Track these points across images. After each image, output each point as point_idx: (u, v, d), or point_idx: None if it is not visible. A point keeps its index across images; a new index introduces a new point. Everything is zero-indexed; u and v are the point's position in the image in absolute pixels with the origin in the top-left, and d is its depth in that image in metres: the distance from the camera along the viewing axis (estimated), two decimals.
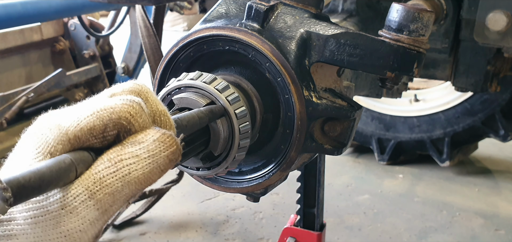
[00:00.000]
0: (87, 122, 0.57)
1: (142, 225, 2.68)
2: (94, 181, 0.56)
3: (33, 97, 3.37)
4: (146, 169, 0.58)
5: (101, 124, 0.58)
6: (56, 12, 3.48)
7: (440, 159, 3.14)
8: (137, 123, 0.60)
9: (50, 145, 0.56)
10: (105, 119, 0.58)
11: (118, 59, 4.23)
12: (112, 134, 0.59)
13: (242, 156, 0.85)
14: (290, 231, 1.79)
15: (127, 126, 0.59)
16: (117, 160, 0.57)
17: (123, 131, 0.59)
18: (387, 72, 0.88)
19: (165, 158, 0.59)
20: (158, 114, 0.64)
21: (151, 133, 0.60)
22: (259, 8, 0.88)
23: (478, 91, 2.17)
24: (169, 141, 0.60)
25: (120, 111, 0.59)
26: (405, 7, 0.89)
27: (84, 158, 0.57)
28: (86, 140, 0.58)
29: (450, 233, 2.61)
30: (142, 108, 0.61)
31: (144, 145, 0.59)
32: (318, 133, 0.91)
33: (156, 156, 0.59)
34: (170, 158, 0.60)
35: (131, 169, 0.57)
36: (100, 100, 0.60)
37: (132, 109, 0.59)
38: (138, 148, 0.58)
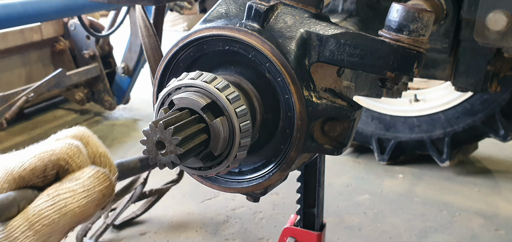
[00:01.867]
0: (30, 163, 0.65)
1: (142, 225, 2.68)
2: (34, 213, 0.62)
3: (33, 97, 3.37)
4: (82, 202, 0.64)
5: (42, 164, 0.65)
6: (56, 12, 3.48)
7: (440, 159, 3.14)
8: (74, 163, 0.67)
9: None
10: (45, 160, 0.65)
11: (118, 59, 4.23)
12: (52, 173, 0.66)
13: (243, 154, 0.85)
14: (290, 231, 1.79)
15: (65, 166, 0.66)
16: (55, 194, 0.64)
17: (61, 170, 0.66)
18: (387, 72, 0.88)
19: (99, 192, 0.66)
20: (98, 156, 0.72)
21: (87, 171, 0.67)
22: (259, 8, 0.88)
23: (478, 91, 2.17)
24: (103, 177, 0.67)
25: (59, 153, 0.66)
26: (405, 7, 0.89)
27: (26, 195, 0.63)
28: (29, 179, 0.65)
29: (450, 233, 2.61)
30: (79, 150, 0.68)
31: (80, 181, 0.65)
32: (318, 133, 0.91)
33: (90, 190, 0.65)
34: (104, 192, 0.66)
35: (67, 202, 0.64)
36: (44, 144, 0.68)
37: (70, 150, 0.67)
38: (74, 183, 0.65)
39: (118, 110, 4.48)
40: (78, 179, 0.65)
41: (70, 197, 0.64)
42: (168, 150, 0.74)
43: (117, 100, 4.24)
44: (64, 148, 0.66)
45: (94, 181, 0.65)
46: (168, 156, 0.75)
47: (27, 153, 0.66)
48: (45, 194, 0.64)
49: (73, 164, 0.66)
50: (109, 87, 4.16)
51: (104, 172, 0.67)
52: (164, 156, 0.75)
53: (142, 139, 0.76)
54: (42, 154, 0.65)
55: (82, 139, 0.71)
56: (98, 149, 0.72)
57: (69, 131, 0.72)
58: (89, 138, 0.72)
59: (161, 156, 0.75)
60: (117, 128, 4.13)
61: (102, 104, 4.21)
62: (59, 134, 0.72)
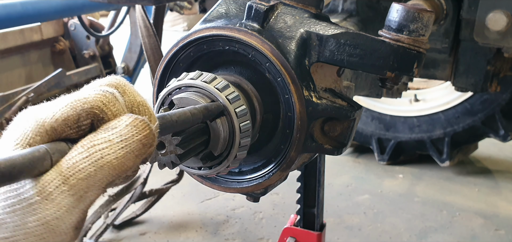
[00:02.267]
0: (62, 113, 0.59)
1: (142, 225, 2.68)
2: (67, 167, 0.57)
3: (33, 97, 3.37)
4: (119, 153, 0.59)
5: (75, 113, 0.59)
6: (56, 12, 3.48)
7: (440, 159, 3.14)
8: (110, 111, 0.61)
9: (29, 137, 0.58)
10: (78, 109, 0.59)
11: (118, 59, 4.23)
12: (86, 123, 0.60)
13: (243, 154, 0.85)
14: (290, 231, 1.79)
15: (100, 114, 0.61)
16: (89, 145, 0.58)
17: (96, 119, 0.61)
18: (387, 72, 0.88)
19: (138, 142, 0.60)
20: (136, 105, 0.65)
21: (124, 119, 0.61)
22: (259, 8, 0.88)
23: (478, 91, 2.17)
24: (142, 125, 0.60)
25: (93, 101, 0.60)
26: (405, 7, 0.89)
27: (60, 148, 0.58)
28: (62, 131, 0.60)
29: (450, 233, 2.61)
30: (115, 97, 0.62)
31: (116, 130, 0.60)
32: (318, 132, 0.91)
33: (129, 140, 0.59)
34: (143, 142, 0.60)
35: (104, 153, 0.58)
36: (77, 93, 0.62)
37: (105, 98, 0.61)
38: (110, 133, 0.59)
39: None
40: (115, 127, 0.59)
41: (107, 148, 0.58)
42: (168, 150, 0.74)
43: None
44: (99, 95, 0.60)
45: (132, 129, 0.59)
46: (168, 156, 0.75)
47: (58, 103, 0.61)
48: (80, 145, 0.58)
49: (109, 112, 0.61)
50: None
51: (143, 120, 0.61)
52: (164, 156, 0.75)
53: None
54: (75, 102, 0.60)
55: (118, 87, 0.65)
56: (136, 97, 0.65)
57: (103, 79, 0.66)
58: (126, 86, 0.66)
59: (161, 156, 0.75)
60: None
61: None
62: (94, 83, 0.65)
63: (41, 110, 0.61)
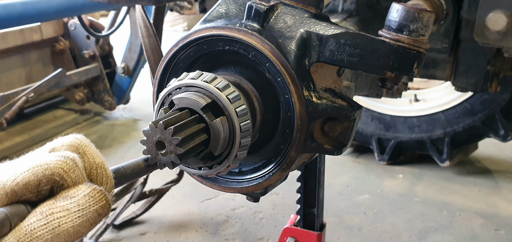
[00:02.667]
0: (23, 177, 0.61)
1: (142, 225, 2.68)
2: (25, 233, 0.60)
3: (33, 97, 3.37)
4: (76, 222, 0.62)
5: (36, 179, 0.62)
6: (56, 12, 3.48)
7: (440, 159, 3.14)
8: (69, 178, 0.64)
9: None
10: (39, 175, 0.62)
11: (118, 59, 4.23)
12: (46, 189, 0.63)
13: (243, 154, 0.85)
14: (290, 231, 1.79)
15: (60, 181, 0.63)
16: (48, 213, 0.61)
17: (56, 186, 0.63)
18: (387, 72, 0.88)
19: (94, 212, 0.63)
20: (95, 167, 0.68)
21: (82, 188, 0.64)
22: (259, 8, 0.88)
23: (478, 91, 2.17)
24: (98, 196, 0.64)
25: (54, 168, 0.63)
26: (405, 7, 0.89)
27: (19, 211, 0.61)
28: (22, 194, 0.62)
29: (450, 233, 2.61)
30: (75, 164, 0.64)
31: (74, 200, 0.62)
32: (318, 132, 0.91)
33: (85, 210, 0.62)
34: (99, 212, 0.64)
35: (61, 221, 0.61)
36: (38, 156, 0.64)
37: (65, 165, 0.63)
38: (69, 202, 0.62)
39: (118, 110, 4.48)
40: (73, 197, 0.62)
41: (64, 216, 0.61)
42: (168, 150, 0.74)
43: (117, 100, 4.24)
44: (59, 161, 0.63)
45: (89, 200, 0.63)
46: (168, 156, 0.75)
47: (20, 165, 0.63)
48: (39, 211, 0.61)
49: (68, 179, 0.63)
50: (109, 87, 4.16)
51: (100, 190, 0.64)
52: (164, 156, 0.75)
53: (142, 139, 0.76)
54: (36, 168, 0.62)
55: (79, 149, 0.68)
56: (95, 159, 0.68)
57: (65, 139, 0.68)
58: (86, 148, 0.68)
59: (161, 156, 0.75)
60: (117, 128, 4.13)
61: (102, 104, 4.21)
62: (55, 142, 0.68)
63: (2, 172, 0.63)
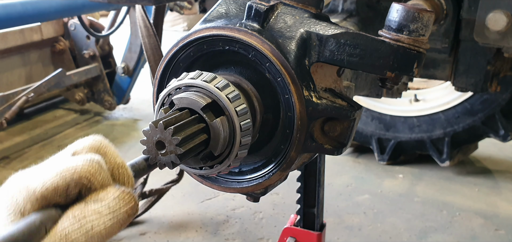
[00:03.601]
0: (52, 182, 0.64)
1: (142, 225, 2.68)
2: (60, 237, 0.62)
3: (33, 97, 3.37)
4: (108, 223, 0.64)
5: (64, 183, 0.64)
6: (56, 12, 3.48)
7: (440, 159, 3.14)
8: (96, 181, 0.66)
9: (20, 205, 0.63)
10: (68, 179, 0.64)
11: (118, 59, 4.23)
12: (74, 192, 0.65)
13: (244, 153, 0.85)
14: (290, 231, 1.79)
15: (88, 184, 0.66)
16: (80, 216, 0.64)
17: (84, 188, 0.66)
18: (387, 72, 0.88)
19: (124, 213, 0.66)
20: (116, 167, 0.71)
21: (112, 191, 0.66)
22: (259, 8, 0.88)
23: (478, 91, 2.17)
24: (127, 198, 0.67)
25: (81, 171, 0.65)
26: (405, 7, 0.89)
27: (51, 216, 0.63)
28: (51, 199, 0.64)
29: (450, 233, 2.61)
30: (101, 167, 0.67)
31: (105, 202, 0.65)
32: (318, 132, 0.91)
33: (116, 212, 0.65)
34: (129, 213, 0.66)
35: (94, 224, 0.63)
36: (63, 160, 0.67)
37: (92, 168, 0.66)
38: (100, 205, 0.65)
39: (118, 110, 4.48)
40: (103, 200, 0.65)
41: (97, 219, 0.64)
42: (168, 150, 0.74)
43: (117, 100, 4.24)
44: (86, 165, 0.65)
45: (119, 202, 0.66)
46: (168, 156, 0.75)
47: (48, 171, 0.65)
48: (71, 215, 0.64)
49: (95, 181, 0.66)
50: (109, 87, 4.16)
51: (129, 192, 0.67)
52: (164, 156, 0.75)
53: (142, 139, 0.76)
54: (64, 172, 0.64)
55: (100, 150, 0.70)
56: (116, 160, 0.71)
57: (86, 141, 0.71)
58: (107, 148, 0.71)
59: (161, 156, 0.75)
60: (117, 128, 4.13)
61: (102, 104, 4.21)
62: (76, 144, 0.71)
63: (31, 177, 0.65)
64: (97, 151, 0.70)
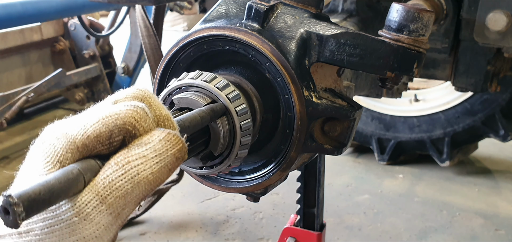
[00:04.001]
0: (94, 129, 0.59)
1: (142, 225, 2.68)
2: (104, 186, 0.57)
3: (33, 97, 3.37)
4: (155, 168, 0.59)
5: (107, 130, 0.59)
6: (56, 12, 3.47)
7: (440, 159, 3.14)
8: (142, 127, 0.61)
9: (59, 154, 0.58)
10: (111, 126, 0.59)
11: (118, 59, 4.23)
12: (118, 140, 0.60)
13: (244, 153, 0.85)
14: (290, 231, 1.79)
15: (132, 130, 0.60)
16: (124, 162, 0.58)
17: (128, 136, 0.61)
18: (387, 72, 0.88)
19: (172, 156, 0.60)
20: (162, 119, 0.65)
21: (157, 134, 0.61)
22: (259, 8, 0.88)
23: (478, 91, 2.17)
24: (174, 139, 0.61)
25: (125, 117, 0.60)
26: (405, 7, 0.89)
27: (91, 167, 0.58)
28: (93, 147, 0.59)
29: (450, 233, 2.61)
30: (146, 113, 0.62)
31: (150, 145, 0.60)
32: (318, 132, 0.91)
33: (163, 155, 0.60)
34: (177, 156, 0.61)
35: (140, 169, 0.58)
36: (105, 108, 0.61)
37: (136, 114, 0.61)
38: (144, 148, 0.59)
39: None
40: (148, 142, 0.59)
41: (142, 164, 0.58)
42: None
43: None
44: (130, 110, 0.60)
45: (166, 144, 0.60)
46: None
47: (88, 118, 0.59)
48: (113, 162, 0.58)
49: (141, 128, 0.60)
50: (109, 87, 4.16)
51: (175, 134, 0.61)
52: None
53: None
54: (106, 118, 0.59)
55: (144, 100, 0.65)
56: (162, 111, 0.66)
57: (128, 91, 0.65)
58: (151, 99, 0.65)
59: None
60: None
61: None
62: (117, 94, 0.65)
63: (70, 126, 0.60)
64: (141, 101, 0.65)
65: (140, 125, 0.61)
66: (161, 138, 0.60)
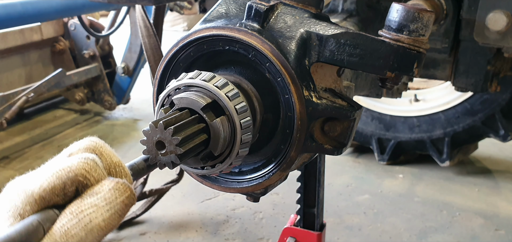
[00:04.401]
0: (48, 182, 0.64)
1: (142, 225, 2.68)
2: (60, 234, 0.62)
3: (33, 97, 3.37)
4: (106, 215, 0.64)
5: (61, 182, 0.64)
6: (56, 12, 3.48)
7: (440, 159, 3.14)
8: (92, 177, 0.66)
9: (19, 208, 0.63)
10: (64, 178, 0.64)
11: (118, 59, 4.23)
12: (71, 190, 0.65)
13: (245, 151, 0.85)
14: (290, 231, 1.79)
15: (84, 181, 0.65)
16: (78, 211, 0.63)
17: (81, 186, 0.66)
18: (387, 72, 0.88)
19: (121, 203, 0.65)
20: (113, 166, 0.71)
21: (106, 183, 0.66)
22: (259, 8, 0.88)
23: (478, 91, 2.17)
24: (123, 187, 0.66)
25: (76, 169, 0.65)
26: (405, 7, 0.89)
27: (49, 216, 0.63)
28: (49, 199, 0.64)
29: (450, 233, 2.61)
30: (96, 164, 0.67)
31: (101, 195, 0.65)
32: (318, 132, 0.91)
33: (112, 202, 0.65)
34: (125, 202, 0.66)
35: (92, 217, 0.63)
36: (59, 161, 0.67)
37: (87, 165, 0.66)
38: (95, 198, 0.64)
39: (118, 110, 4.48)
40: (99, 192, 0.65)
41: (94, 212, 0.63)
42: (168, 150, 0.74)
43: (117, 100, 4.24)
44: (81, 162, 0.66)
45: (115, 192, 0.65)
46: (168, 156, 0.75)
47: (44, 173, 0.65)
48: (68, 212, 0.63)
49: (91, 178, 0.66)
50: (109, 87, 4.16)
51: (123, 182, 0.67)
52: (164, 156, 0.75)
53: (142, 139, 0.76)
54: (59, 172, 0.64)
55: (96, 150, 0.70)
56: (113, 159, 0.71)
57: (81, 143, 0.71)
58: (102, 149, 0.71)
59: (161, 156, 0.75)
60: (117, 128, 4.13)
61: (102, 104, 4.21)
62: (71, 147, 0.71)
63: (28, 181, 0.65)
64: (93, 151, 0.70)
65: (91, 175, 0.66)
66: (110, 187, 0.65)
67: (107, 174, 0.69)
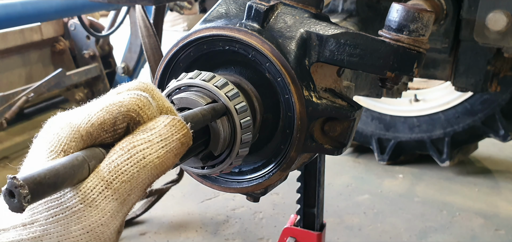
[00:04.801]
0: (97, 117, 0.58)
1: (142, 225, 2.68)
2: (109, 170, 0.56)
3: (33, 97, 3.37)
4: (161, 152, 0.59)
5: (111, 117, 0.59)
6: (56, 12, 3.47)
7: (440, 159, 3.14)
8: (145, 114, 0.61)
9: (63, 143, 0.57)
10: (115, 113, 0.59)
11: (118, 59, 4.23)
12: (122, 127, 0.60)
13: (245, 151, 0.85)
14: (290, 231, 1.79)
15: (136, 117, 0.60)
16: (130, 147, 0.58)
17: (132, 123, 0.60)
18: (387, 72, 0.88)
19: (177, 141, 0.60)
20: (165, 111, 0.65)
21: (162, 119, 0.61)
22: (259, 8, 0.88)
23: (478, 91, 2.16)
24: (179, 125, 0.61)
25: (129, 104, 0.60)
26: (405, 7, 0.89)
27: (95, 154, 0.57)
28: (97, 135, 0.59)
29: (450, 233, 2.61)
30: (149, 101, 0.62)
31: (155, 130, 0.59)
32: (318, 132, 0.91)
33: (168, 139, 0.60)
34: (182, 141, 0.61)
35: (145, 153, 0.58)
36: (108, 98, 0.62)
37: (140, 102, 0.61)
38: (150, 133, 0.59)
39: None
40: (153, 128, 0.59)
41: (148, 148, 0.57)
42: None
43: None
44: (133, 98, 0.60)
45: (171, 128, 0.60)
46: None
47: (92, 107, 0.60)
48: (118, 148, 0.57)
49: (144, 115, 0.60)
50: (109, 87, 4.16)
51: (180, 119, 0.61)
52: None
53: None
54: (110, 106, 0.59)
55: (147, 91, 0.64)
56: (164, 103, 0.65)
57: (131, 83, 0.65)
58: (154, 91, 0.65)
59: None
60: None
61: None
62: (121, 87, 0.65)
63: (74, 115, 0.60)
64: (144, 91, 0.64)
65: (144, 111, 0.61)
66: (166, 123, 0.60)
67: None
